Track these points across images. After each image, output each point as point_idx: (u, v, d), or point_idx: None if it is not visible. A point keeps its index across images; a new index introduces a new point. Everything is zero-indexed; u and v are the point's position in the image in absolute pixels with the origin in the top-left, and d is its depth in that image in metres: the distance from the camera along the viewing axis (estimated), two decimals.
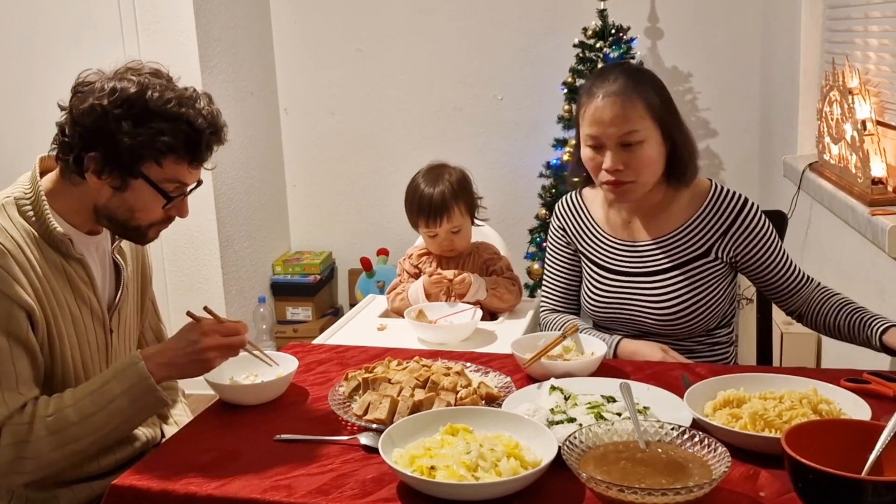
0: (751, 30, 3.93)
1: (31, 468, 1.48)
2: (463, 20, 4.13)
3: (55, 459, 1.49)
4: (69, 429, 1.49)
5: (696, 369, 1.75)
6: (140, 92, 1.51)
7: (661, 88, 1.89)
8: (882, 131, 2.44)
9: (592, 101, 1.85)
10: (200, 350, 1.55)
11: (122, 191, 1.55)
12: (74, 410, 1.50)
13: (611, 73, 1.87)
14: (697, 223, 1.92)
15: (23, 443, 1.46)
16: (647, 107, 1.83)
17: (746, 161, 4.05)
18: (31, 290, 1.51)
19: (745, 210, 1.91)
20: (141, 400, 1.53)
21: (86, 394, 1.52)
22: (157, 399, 1.55)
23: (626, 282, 1.96)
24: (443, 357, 1.78)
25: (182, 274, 3.83)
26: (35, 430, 1.47)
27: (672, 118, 1.88)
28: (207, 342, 1.55)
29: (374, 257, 4.30)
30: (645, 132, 1.83)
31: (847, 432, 1.23)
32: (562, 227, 2.10)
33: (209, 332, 1.57)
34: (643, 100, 1.82)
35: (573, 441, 1.29)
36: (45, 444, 1.47)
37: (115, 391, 1.52)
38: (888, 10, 2.51)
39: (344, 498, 1.28)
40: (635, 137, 1.82)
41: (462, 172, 2.41)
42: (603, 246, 2.01)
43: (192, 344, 1.55)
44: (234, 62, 3.92)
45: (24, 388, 1.49)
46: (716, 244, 1.90)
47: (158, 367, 1.55)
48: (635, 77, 1.86)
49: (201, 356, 1.55)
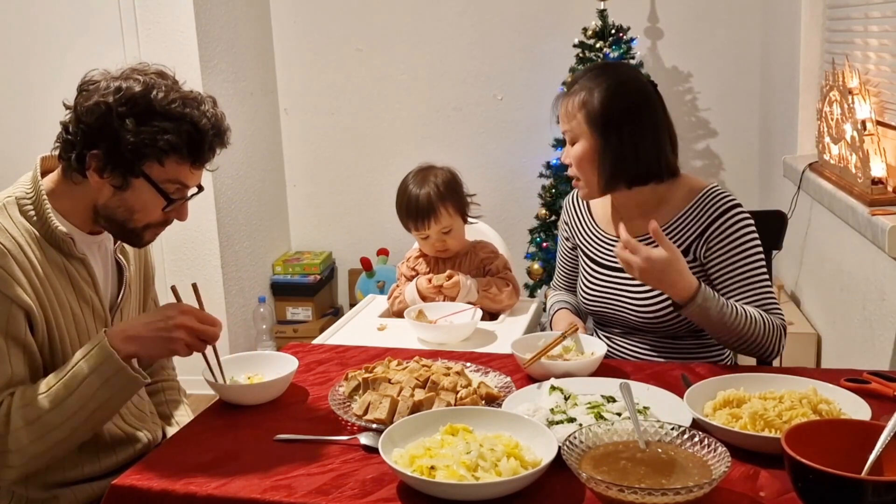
0: (751, 30, 3.93)
1: (15, 462, 1.47)
2: (463, 20, 4.13)
3: (38, 451, 1.48)
4: (44, 417, 1.47)
5: (695, 369, 1.75)
6: (145, 91, 1.51)
7: (617, 94, 1.84)
8: (882, 131, 2.44)
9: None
10: (172, 327, 1.52)
11: (122, 190, 1.55)
12: (47, 397, 1.48)
13: (582, 74, 1.93)
14: (680, 222, 1.90)
15: (2, 436, 1.45)
16: (581, 107, 1.86)
17: (746, 161, 4.05)
18: (31, 291, 1.51)
19: (726, 215, 1.85)
20: (112, 379, 1.50)
21: (56, 379, 1.49)
22: (129, 377, 1.51)
23: (615, 278, 1.98)
24: (443, 357, 1.78)
25: (182, 274, 3.82)
26: (12, 422, 1.46)
27: (615, 127, 1.84)
28: (182, 320, 1.53)
29: (374, 257, 4.30)
30: (577, 132, 1.87)
31: (847, 432, 1.23)
32: (565, 222, 2.16)
33: (187, 311, 1.55)
34: (581, 103, 1.86)
35: (573, 441, 1.29)
36: (24, 434, 1.46)
37: (83, 371, 1.49)
38: (888, 10, 2.51)
39: (344, 498, 1.28)
40: (571, 136, 1.89)
41: (448, 173, 2.40)
42: (597, 241, 2.04)
43: (166, 319, 1.52)
44: (234, 62, 3.92)
45: (16, 386, 1.49)
46: (693, 244, 1.88)
47: (123, 341, 1.51)
48: (595, 78, 1.87)
49: (170, 333, 1.52)
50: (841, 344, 2.80)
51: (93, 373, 1.49)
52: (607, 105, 1.85)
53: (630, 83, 1.90)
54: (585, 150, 1.87)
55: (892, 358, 2.30)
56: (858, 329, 2.56)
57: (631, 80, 1.91)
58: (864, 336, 2.51)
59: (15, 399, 1.48)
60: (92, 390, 1.49)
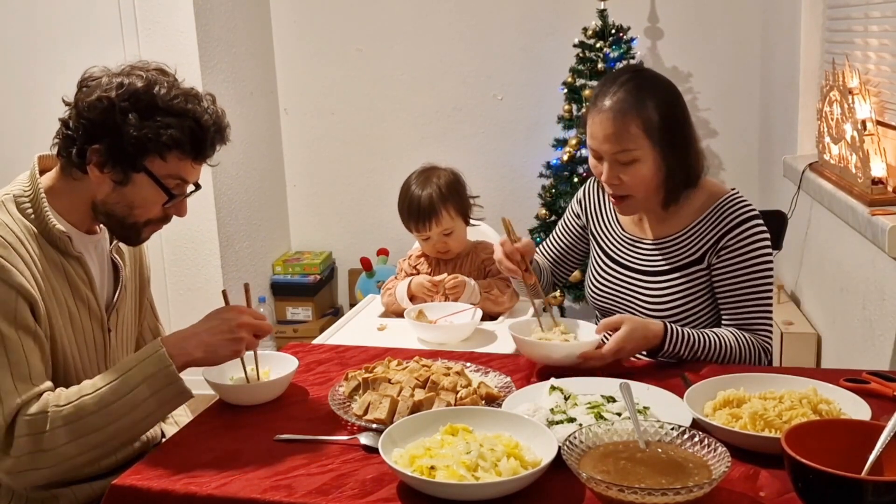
0: (751, 30, 3.93)
1: (46, 463, 1.45)
2: (463, 20, 4.13)
3: (72, 453, 1.46)
4: (87, 418, 1.45)
5: (696, 369, 1.75)
6: (148, 87, 1.52)
7: (667, 102, 1.81)
8: (882, 131, 2.44)
9: (592, 112, 1.82)
10: (235, 327, 1.56)
11: (122, 185, 1.55)
12: (93, 399, 1.47)
13: (614, 84, 1.80)
14: (697, 229, 1.89)
15: (39, 434, 1.43)
16: (642, 127, 1.76)
17: (746, 161, 4.05)
18: (33, 283, 1.51)
19: (740, 227, 1.83)
20: (163, 390, 1.50)
21: (105, 382, 1.49)
22: (179, 389, 1.52)
23: (627, 276, 1.97)
24: (443, 357, 1.78)
25: (182, 274, 3.83)
26: (51, 420, 1.44)
27: (674, 136, 1.80)
28: (243, 319, 1.57)
29: (374, 257, 4.30)
30: (639, 152, 1.78)
31: (847, 432, 1.23)
32: (581, 205, 2.11)
33: (243, 311, 1.60)
34: (639, 119, 1.76)
35: (573, 441, 1.29)
36: (61, 434, 1.44)
37: (136, 379, 1.49)
38: (888, 10, 2.50)
39: (344, 498, 1.28)
40: (628, 157, 1.78)
41: (452, 174, 2.40)
42: (613, 237, 2.03)
43: (227, 321, 1.57)
44: (234, 62, 3.92)
45: (36, 379, 1.48)
46: (708, 252, 1.87)
47: (182, 352, 1.53)
48: (638, 90, 1.78)
49: (234, 334, 1.56)
50: (841, 344, 2.80)
51: (145, 381, 1.49)
52: (667, 118, 1.78)
53: (670, 89, 1.84)
54: (650, 169, 1.79)
55: (892, 358, 2.30)
56: (858, 329, 2.56)
57: (668, 85, 1.85)
58: (864, 336, 2.51)
59: (53, 398, 1.46)
60: (141, 398, 1.49)
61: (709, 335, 1.81)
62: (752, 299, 1.84)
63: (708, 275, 1.88)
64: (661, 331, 1.76)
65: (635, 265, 1.96)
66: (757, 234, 1.84)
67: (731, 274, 1.84)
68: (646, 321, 1.78)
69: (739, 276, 1.84)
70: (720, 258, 1.85)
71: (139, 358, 1.52)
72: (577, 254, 2.16)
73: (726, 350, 1.81)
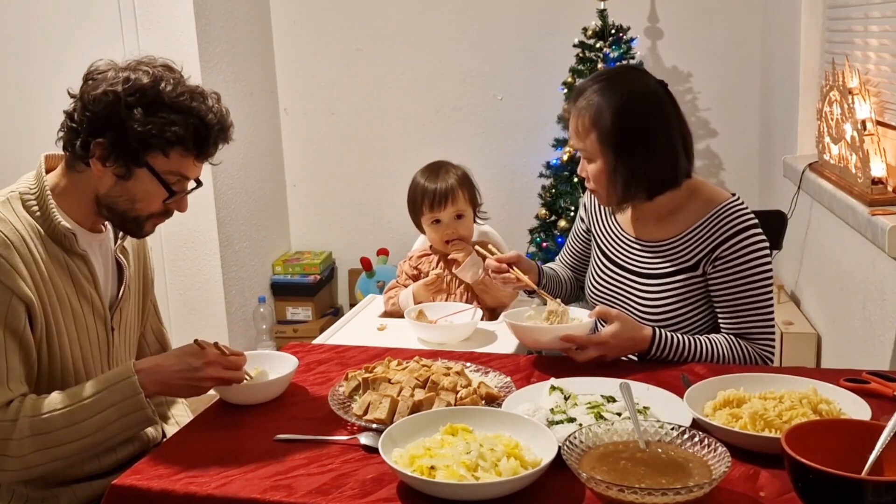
0: (751, 30, 3.93)
1: (11, 467, 1.47)
2: (463, 20, 4.13)
3: (37, 462, 1.48)
4: (54, 432, 1.48)
5: (695, 369, 1.75)
6: (154, 82, 1.52)
7: (628, 109, 1.80)
8: (882, 131, 2.44)
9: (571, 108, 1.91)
10: (199, 378, 1.57)
11: (125, 179, 1.55)
12: (62, 415, 1.49)
13: (590, 84, 1.86)
14: (693, 235, 1.88)
15: (4, 440, 1.46)
16: (596, 132, 1.81)
17: (746, 161, 4.05)
18: (32, 284, 1.51)
19: (737, 237, 1.82)
20: (131, 415, 1.53)
21: (76, 400, 1.51)
22: (145, 416, 1.55)
23: (623, 277, 1.98)
24: (443, 357, 1.78)
25: (182, 274, 3.82)
26: (18, 429, 1.46)
27: (631, 142, 1.80)
28: (209, 372, 1.57)
29: (374, 257, 4.30)
30: (591, 152, 1.84)
31: (847, 432, 1.23)
32: (585, 207, 2.15)
33: (212, 362, 1.58)
34: (597, 125, 1.81)
35: (573, 441, 1.29)
36: (28, 444, 1.47)
37: (106, 402, 1.51)
38: (888, 10, 2.51)
39: (344, 498, 1.28)
40: (587, 155, 1.86)
41: (464, 169, 2.46)
42: (612, 238, 2.03)
43: (193, 371, 1.56)
44: (234, 62, 3.92)
45: (13, 383, 1.49)
46: (702, 261, 1.86)
47: (153, 382, 1.55)
48: (602, 94, 1.81)
49: (198, 384, 1.57)
50: (841, 344, 2.80)
51: (114, 406, 1.51)
52: (620, 125, 1.80)
53: (640, 94, 1.83)
54: (601, 169, 1.84)
55: (892, 358, 2.30)
56: (858, 329, 2.56)
57: (640, 90, 1.84)
58: (864, 336, 2.51)
59: (25, 407, 1.48)
60: (109, 420, 1.52)
61: (701, 341, 1.83)
62: (750, 309, 1.83)
63: (703, 282, 1.88)
64: (649, 337, 1.79)
65: (631, 267, 1.96)
66: (753, 243, 1.83)
67: (728, 284, 1.84)
68: (637, 325, 1.81)
69: (736, 285, 1.83)
70: (716, 268, 1.85)
71: (110, 381, 1.53)
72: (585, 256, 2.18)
73: (717, 357, 1.82)
